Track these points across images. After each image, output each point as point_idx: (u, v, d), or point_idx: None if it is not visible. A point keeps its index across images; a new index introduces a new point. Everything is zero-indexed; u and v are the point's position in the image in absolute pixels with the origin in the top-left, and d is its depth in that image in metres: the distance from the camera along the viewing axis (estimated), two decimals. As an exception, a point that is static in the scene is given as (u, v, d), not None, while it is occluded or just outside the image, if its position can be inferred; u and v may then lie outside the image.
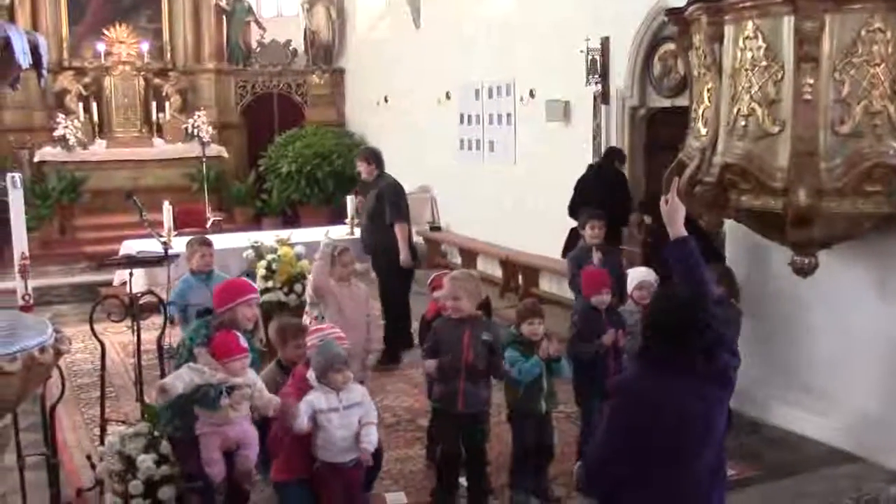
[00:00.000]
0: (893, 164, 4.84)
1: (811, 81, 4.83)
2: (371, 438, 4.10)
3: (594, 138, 9.11)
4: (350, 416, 4.07)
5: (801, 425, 5.87)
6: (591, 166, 8.44)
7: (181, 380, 3.98)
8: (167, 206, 9.36)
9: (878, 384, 5.54)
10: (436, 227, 12.60)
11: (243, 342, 4.19)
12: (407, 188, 12.82)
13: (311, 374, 4.09)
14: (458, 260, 11.58)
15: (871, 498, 5.04)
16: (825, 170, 4.86)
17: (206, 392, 3.98)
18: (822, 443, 5.71)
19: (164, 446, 4.46)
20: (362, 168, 7.92)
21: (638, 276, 5.17)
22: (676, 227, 3.35)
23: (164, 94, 14.49)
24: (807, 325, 5.96)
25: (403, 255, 7.58)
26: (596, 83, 9.01)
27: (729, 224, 6.19)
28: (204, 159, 13.60)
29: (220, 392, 3.98)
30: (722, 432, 3.09)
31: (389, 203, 7.64)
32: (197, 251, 5.60)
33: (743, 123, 5.15)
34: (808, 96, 4.84)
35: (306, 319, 5.89)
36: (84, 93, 13.95)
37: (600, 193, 7.75)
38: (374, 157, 7.96)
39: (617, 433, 3.01)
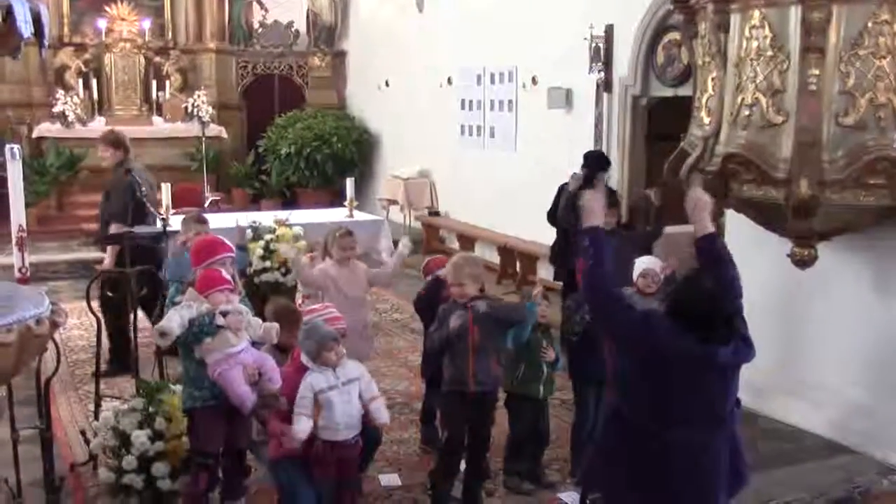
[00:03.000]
0: (896, 157, 4.83)
1: (816, 72, 4.81)
2: (383, 413, 4.16)
3: (596, 126, 9.10)
4: (350, 391, 4.08)
5: (796, 417, 5.88)
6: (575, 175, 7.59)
7: (174, 321, 4.03)
8: (165, 185, 9.31)
9: (872, 377, 5.55)
10: (434, 213, 12.58)
11: (226, 275, 4.22)
12: (406, 173, 12.95)
13: (304, 358, 4.10)
14: (457, 245, 11.56)
15: (863, 490, 5.06)
16: (828, 161, 4.85)
17: (201, 322, 4.06)
18: (816, 435, 5.74)
19: (159, 422, 4.47)
20: (105, 154, 6.87)
21: (642, 263, 5.15)
22: (702, 224, 3.44)
23: (164, 72, 14.42)
24: (804, 317, 5.97)
25: (108, 262, 6.54)
26: (599, 71, 8.99)
27: (729, 214, 6.18)
28: (203, 139, 13.57)
29: (213, 315, 4.07)
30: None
31: (114, 198, 6.71)
32: (192, 229, 5.60)
33: (747, 113, 5.13)
34: (812, 87, 4.83)
35: (299, 300, 5.91)
36: (84, 69, 13.88)
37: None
38: (118, 142, 6.88)
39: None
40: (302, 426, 3.95)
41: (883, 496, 5.05)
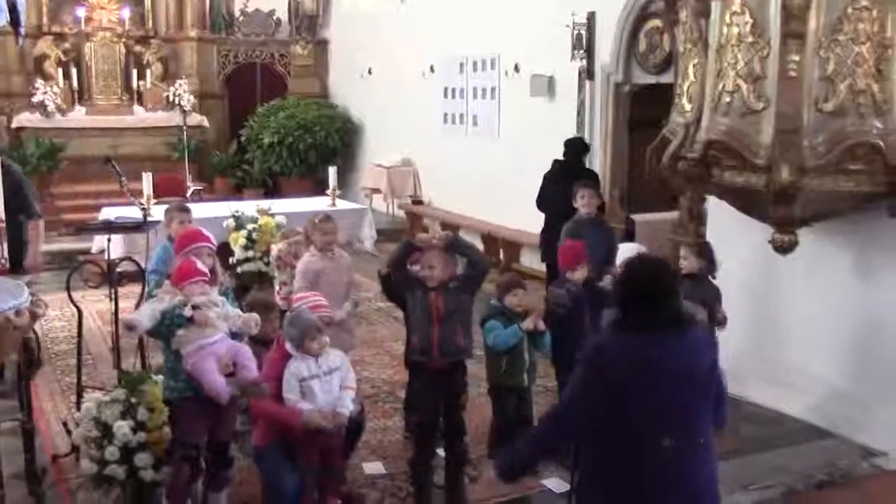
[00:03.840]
0: (876, 143, 4.85)
1: (796, 58, 4.82)
2: (346, 402, 4.11)
3: (578, 114, 9.11)
4: (331, 381, 4.08)
5: (777, 402, 5.92)
6: (556, 161, 8.13)
7: (144, 314, 4.02)
8: (147, 175, 9.26)
9: (853, 362, 5.60)
10: (418, 201, 12.58)
11: (202, 266, 4.19)
12: (390, 161, 12.93)
13: (288, 345, 4.09)
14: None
15: (844, 472, 5.10)
16: (808, 147, 4.86)
17: (172, 314, 4.03)
18: (797, 419, 5.77)
19: (142, 413, 4.44)
20: None
21: (624, 252, 5.18)
22: None
23: (145, 61, 14.31)
24: (785, 303, 6.00)
25: (33, 259, 6.51)
26: (581, 59, 9.00)
27: (711, 200, 6.20)
28: (185, 128, 13.49)
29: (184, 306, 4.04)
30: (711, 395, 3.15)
31: (32, 194, 6.60)
32: (175, 218, 5.55)
33: (727, 100, 5.14)
34: (793, 73, 4.83)
35: (278, 287, 5.89)
36: (63, 58, 13.75)
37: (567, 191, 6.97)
38: None
39: (589, 392, 3.03)
40: (304, 405, 3.97)
41: (863, 479, 5.10)
